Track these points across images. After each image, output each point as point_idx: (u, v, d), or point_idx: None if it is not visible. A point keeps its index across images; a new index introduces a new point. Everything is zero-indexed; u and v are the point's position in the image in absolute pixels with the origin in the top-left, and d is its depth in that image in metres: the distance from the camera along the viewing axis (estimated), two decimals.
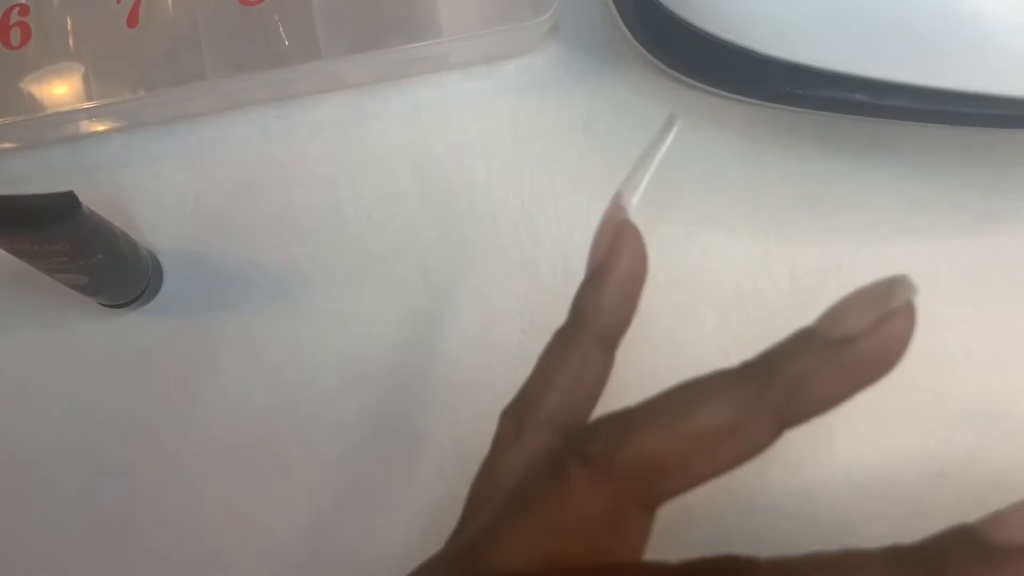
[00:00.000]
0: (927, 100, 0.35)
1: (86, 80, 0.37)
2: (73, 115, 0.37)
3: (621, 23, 0.38)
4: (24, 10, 0.37)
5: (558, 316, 0.38)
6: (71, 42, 0.37)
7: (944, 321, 0.38)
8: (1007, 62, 0.31)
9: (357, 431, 0.38)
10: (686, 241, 0.38)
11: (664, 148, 0.25)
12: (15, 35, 0.37)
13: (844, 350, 0.19)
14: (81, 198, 0.31)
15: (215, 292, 0.39)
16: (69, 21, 0.37)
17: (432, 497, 0.37)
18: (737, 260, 0.38)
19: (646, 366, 0.38)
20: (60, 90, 0.37)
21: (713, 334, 0.38)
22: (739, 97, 0.38)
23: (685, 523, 0.35)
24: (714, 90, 0.38)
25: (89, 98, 0.36)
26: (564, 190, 0.39)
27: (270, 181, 0.39)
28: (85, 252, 0.33)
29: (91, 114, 0.37)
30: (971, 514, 0.19)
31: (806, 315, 0.38)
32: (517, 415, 0.25)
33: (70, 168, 0.40)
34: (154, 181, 0.39)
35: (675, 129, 0.25)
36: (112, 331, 0.39)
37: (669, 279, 0.38)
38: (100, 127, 0.39)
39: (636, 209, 0.25)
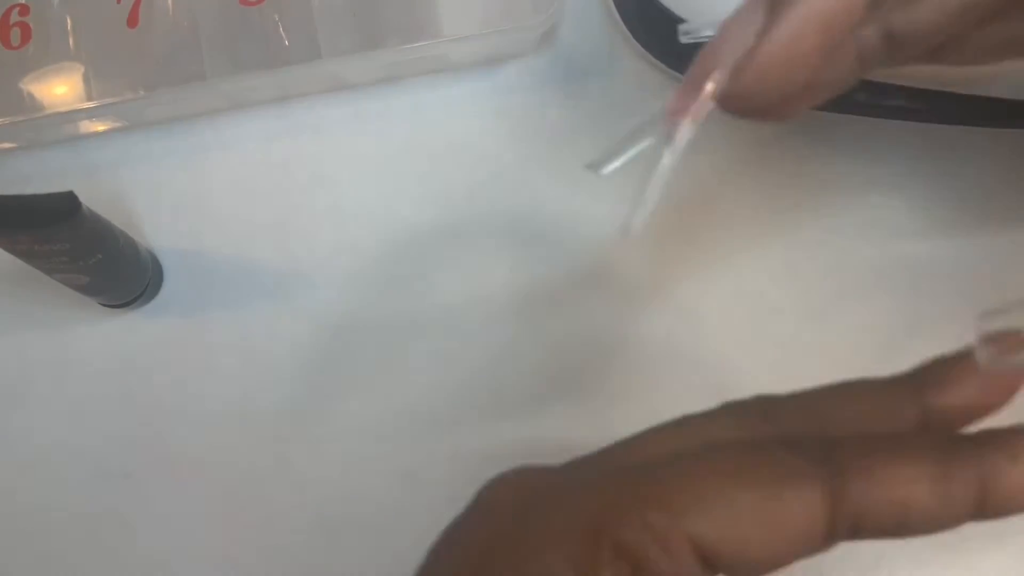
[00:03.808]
0: (927, 100, 0.35)
1: (86, 80, 0.37)
2: (73, 115, 0.37)
3: (621, 23, 0.38)
4: (24, 10, 0.37)
5: (558, 316, 0.38)
6: (71, 42, 0.37)
7: (944, 321, 0.38)
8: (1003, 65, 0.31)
9: (357, 431, 0.38)
10: (686, 241, 0.38)
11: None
12: (15, 35, 0.37)
13: None
14: (81, 198, 0.31)
15: (215, 292, 0.39)
16: (69, 21, 0.37)
17: (433, 498, 0.37)
18: (737, 260, 0.38)
19: (645, 365, 0.38)
20: (60, 90, 0.37)
21: (713, 334, 0.38)
22: None
23: None
24: None
25: (89, 98, 0.36)
26: (565, 190, 0.39)
27: (270, 181, 0.39)
28: (85, 252, 0.33)
29: (91, 114, 0.37)
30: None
31: (806, 315, 0.38)
32: None
33: (70, 168, 0.40)
34: (154, 181, 0.39)
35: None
36: (112, 331, 0.39)
37: (669, 279, 0.38)
38: (100, 127, 0.39)
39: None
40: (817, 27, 0.18)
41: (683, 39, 0.23)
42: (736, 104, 0.19)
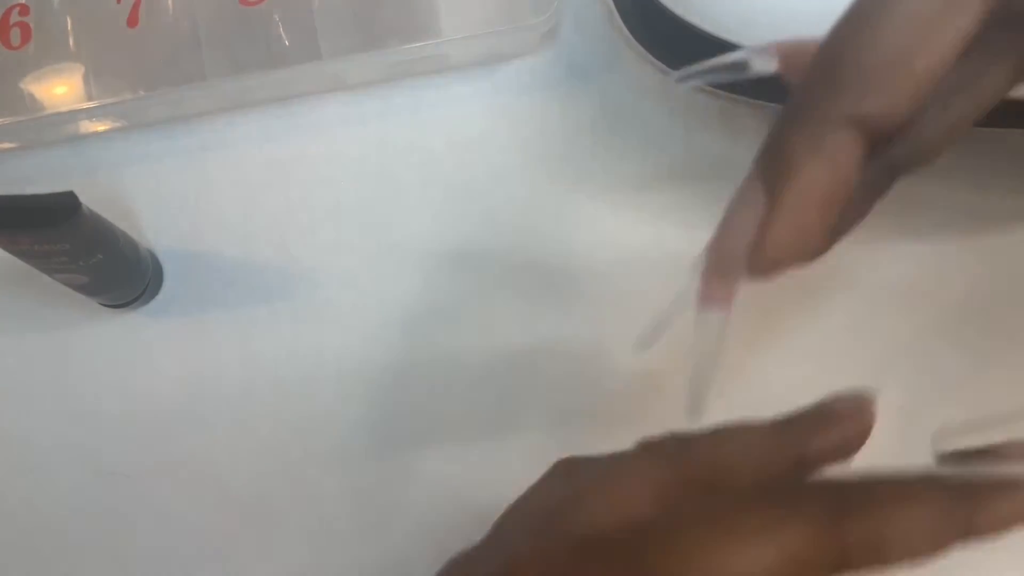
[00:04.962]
0: None
1: (86, 80, 0.37)
2: (73, 115, 0.37)
3: (621, 23, 0.38)
4: (24, 10, 0.37)
5: (558, 316, 0.38)
6: (71, 42, 0.37)
7: (944, 321, 0.38)
8: None
9: (357, 431, 0.38)
10: (687, 242, 0.38)
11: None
12: (15, 35, 0.37)
13: None
14: (81, 198, 0.31)
15: (215, 292, 0.39)
16: (69, 21, 0.37)
17: (432, 498, 0.37)
18: None
19: (652, 363, 0.38)
20: (60, 90, 0.37)
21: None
22: (739, 97, 0.38)
23: None
24: (714, 90, 0.38)
25: (89, 98, 0.36)
26: (564, 190, 0.39)
27: (270, 181, 0.39)
28: (85, 252, 0.33)
29: (91, 114, 0.37)
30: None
31: (808, 315, 0.38)
32: None
33: (70, 168, 0.40)
34: (154, 181, 0.39)
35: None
36: (112, 331, 0.39)
37: (668, 279, 0.38)
38: (100, 127, 0.39)
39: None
40: (817, 205, 0.19)
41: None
42: (757, 279, 0.20)
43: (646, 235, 0.38)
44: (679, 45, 0.37)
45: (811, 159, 0.19)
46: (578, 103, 0.39)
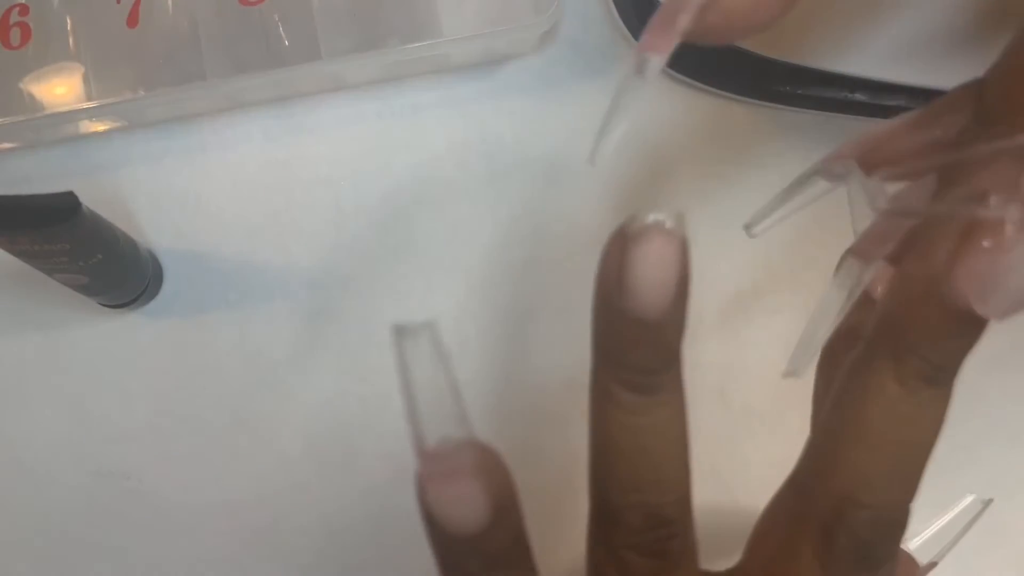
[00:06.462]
0: (927, 99, 0.35)
1: (86, 80, 0.37)
2: (73, 115, 0.37)
3: (621, 23, 0.38)
4: (24, 10, 0.37)
5: (558, 317, 0.38)
6: (71, 42, 0.37)
7: None
8: None
9: (358, 431, 0.38)
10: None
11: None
12: (15, 35, 0.37)
13: None
14: (81, 198, 0.31)
15: (215, 292, 0.39)
16: (69, 21, 0.37)
17: None
18: (737, 261, 0.38)
19: None
20: (60, 90, 0.37)
21: (711, 333, 0.38)
22: (739, 97, 0.38)
23: None
24: (714, 90, 0.38)
25: (89, 98, 0.36)
26: (564, 190, 0.39)
27: (270, 181, 0.39)
28: (85, 252, 0.33)
29: (91, 114, 0.37)
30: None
31: (805, 312, 0.38)
32: None
33: (70, 168, 0.40)
34: (154, 181, 0.39)
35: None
36: (112, 331, 0.39)
37: None
38: (100, 127, 0.39)
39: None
40: None
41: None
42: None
43: None
44: (679, 45, 0.37)
45: None
46: (578, 103, 0.39)
